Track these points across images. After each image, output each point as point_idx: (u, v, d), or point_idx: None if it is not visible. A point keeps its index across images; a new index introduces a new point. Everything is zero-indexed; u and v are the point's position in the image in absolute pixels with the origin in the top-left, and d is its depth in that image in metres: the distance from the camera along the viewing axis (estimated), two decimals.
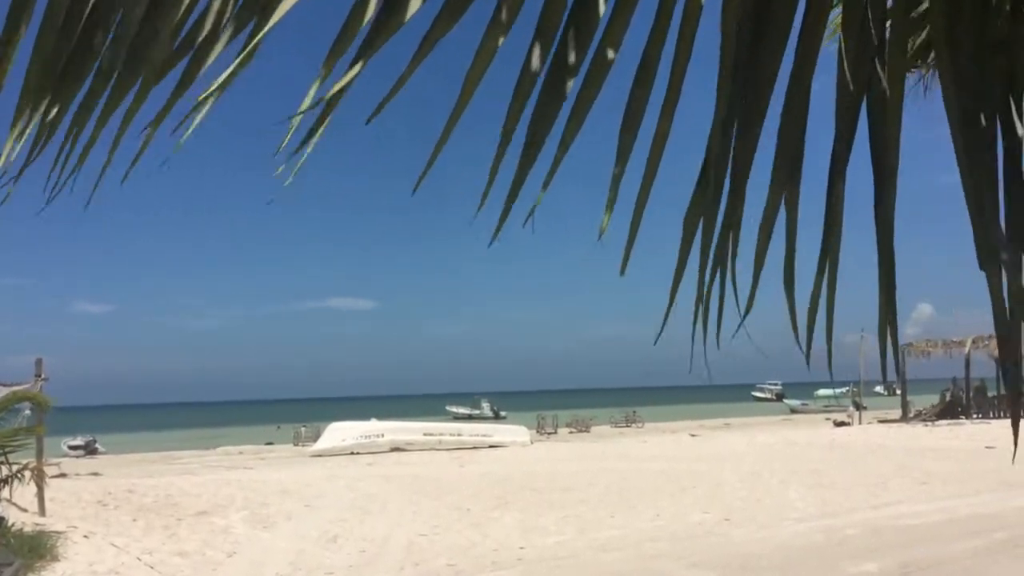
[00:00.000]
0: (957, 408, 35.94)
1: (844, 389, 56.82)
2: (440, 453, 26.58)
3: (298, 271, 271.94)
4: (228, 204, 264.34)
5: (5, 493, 10.58)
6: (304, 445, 33.95)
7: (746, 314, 1.60)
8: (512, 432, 31.76)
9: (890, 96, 1.52)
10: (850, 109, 1.57)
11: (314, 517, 13.43)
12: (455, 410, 68.37)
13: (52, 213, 1.40)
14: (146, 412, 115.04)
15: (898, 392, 41.89)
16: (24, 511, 12.10)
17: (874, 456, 21.37)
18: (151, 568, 9.99)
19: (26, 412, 12.05)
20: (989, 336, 34.30)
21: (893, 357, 1.61)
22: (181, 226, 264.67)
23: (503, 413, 63.83)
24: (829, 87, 1.59)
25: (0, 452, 10.54)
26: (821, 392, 67.59)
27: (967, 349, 34.63)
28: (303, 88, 1.30)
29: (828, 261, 1.61)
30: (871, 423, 35.91)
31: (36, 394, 12.13)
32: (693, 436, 32.84)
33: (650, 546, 10.58)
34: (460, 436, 30.11)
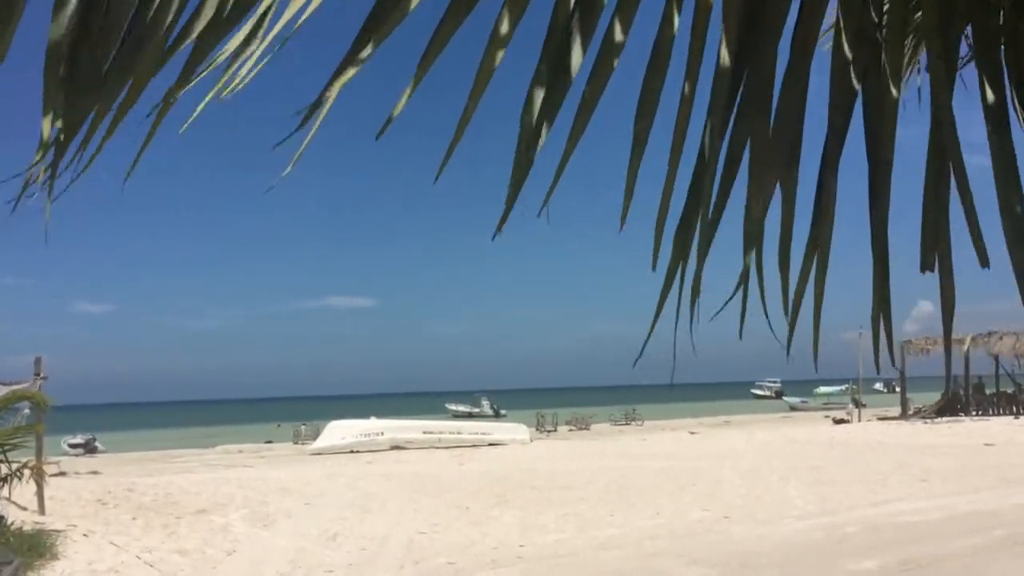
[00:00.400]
0: (956, 405, 35.95)
1: (843, 387, 56.93)
2: (440, 451, 26.58)
3: (297, 270, 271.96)
4: (228, 203, 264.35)
5: (5, 492, 10.59)
6: (304, 443, 33.95)
7: (735, 292, 1.59)
8: (512, 430, 31.75)
9: (887, 91, 1.51)
10: (845, 102, 1.56)
11: (314, 515, 13.43)
12: (455, 408, 68.34)
13: (53, 213, 1.39)
14: (146, 411, 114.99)
15: (898, 390, 41.90)
16: (24, 509, 12.11)
17: (873, 453, 21.38)
18: (151, 566, 10.00)
19: (25, 411, 12.06)
20: (988, 334, 34.36)
21: (888, 347, 1.61)
22: (180, 226, 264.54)
23: (503, 411, 63.78)
24: (820, 84, 1.59)
25: (0, 451, 10.54)
26: (821, 390, 67.68)
27: (966, 347, 34.62)
28: (303, 87, 1.30)
29: (817, 253, 1.61)
30: (870, 420, 35.92)
31: (35, 393, 12.13)
32: (693, 434, 32.84)
33: (650, 544, 10.58)
34: (460, 434, 30.10)
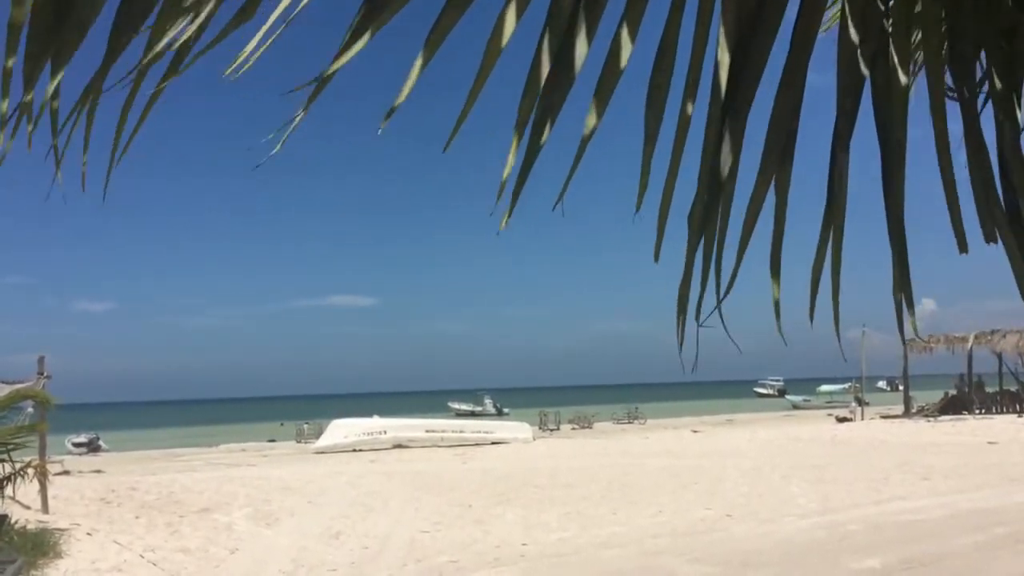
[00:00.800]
0: (958, 404, 35.90)
1: (846, 385, 56.85)
2: (442, 450, 26.61)
3: (299, 269, 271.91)
4: (229, 202, 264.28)
5: (8, 490, 10.60)
6: (306, 442, 33.97)
7: (726, 293, 1.59)
8: (514, 429, 31.76)
9: (895, 79, 1.51)
10: (853, 86, 1.56)
11: (316, 514, 13.45)
12: (457, 407, 68.36)
13: (53, 212, 1.40)
14: (149, 409, 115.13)
15: (900, 388, 41.84)
16: (27, 508, 12.14)
17: (876, 452, 21.36)
18: (154, 565, 10.02)
19: (29, 410, 12.07)
20: (992, 331, 34.29)
21: (912, 327, 1.60)
22: (182, 224, 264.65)
23: (505, 410, 63.79)
24: (828, 79, 1.59)
25: (3, 449, 10.55)
26: (823, 388, 67.53)
27: (969, 344, 34.57)
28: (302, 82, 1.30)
29: (833, 237, 1.60)
30: (873, 419, 35.88)
31: (38, 392, 12.15)
32: (695, 432, 32.83)
33: (652, 542, 10.59)
34: (462, 433, 30.13)
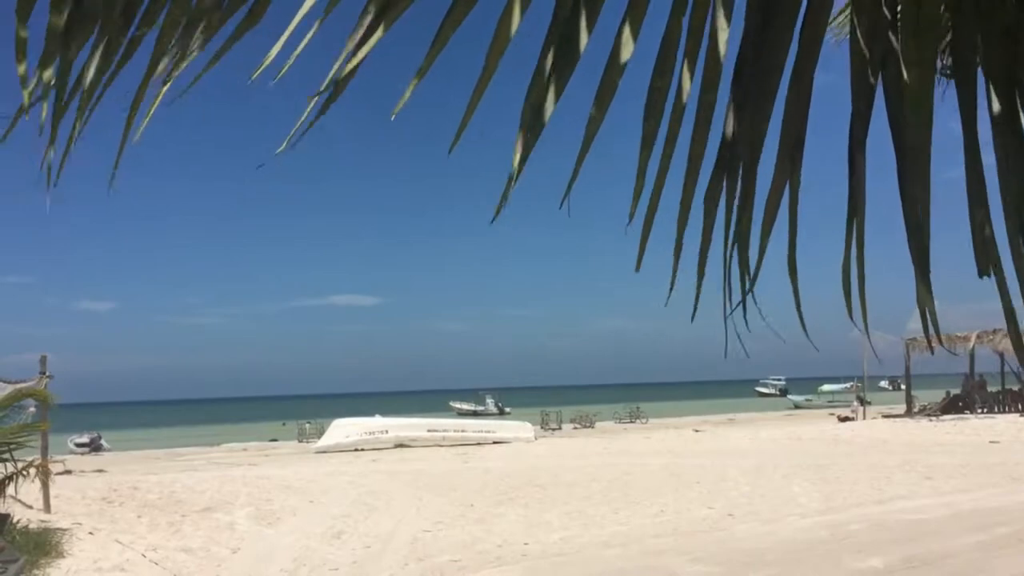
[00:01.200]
0: (960, 403, 35.86)
1: (848, 384, 56.80)
2: (444, 449, 26.60)
3: (300, 268, 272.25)
4: (230, 202, 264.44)
5: (11, 490, 10.61)
6: (308, 442, 33.98)
7: (751, 287, 1.59)
8: (516, 428, 31.76)
9: (906, 79, 1.50)
10: (866, 90, 1.56)
11: (318, 513, 13.45)
12: (459, 406, 68.33)
13: (53, 211, 1.40)
14: (151, 409, 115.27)
15: (902, 387, 41.79)
16: (29, 508, 12.15)
17: (878, 451, 21.34)
18: (156, 564, 10.02)
19: (31, 409, 12.09)
20: (994, 331, 34.21)
21: (934, 329, 1.59)
22: (184, 224, 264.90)
23: (507, 409, 63.78)
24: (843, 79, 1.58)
25: (5, 449, 10.57)
26: (825, 387, 67.51)
27: (972, 344, 34.52)
28: (304, 84, 1.30)
29: (856, 232, 1.60)
30: (875, 418, 35.85)
31: (40, 391, 12.17)
32: (697, 432, 32.81)
33: (654, 542, 10.58)
34: (464, 432, 30.12)
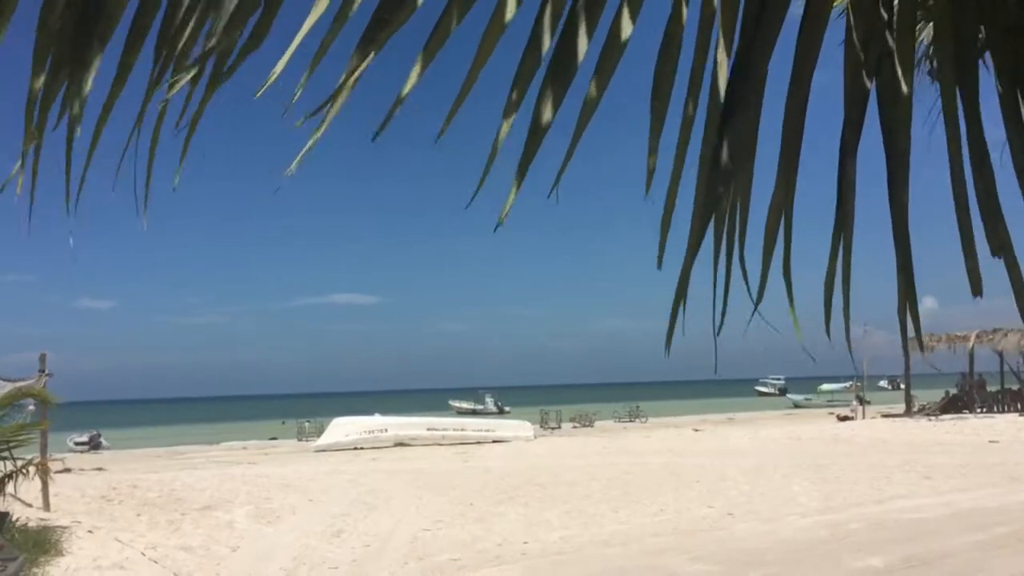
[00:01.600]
0: (959, 403, 35.88)
1: (847, 384, 56.81)
2: (444, 448, 26.61)
3: (301, 267, 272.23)
4: (231, 201, 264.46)
5: (10, 488, 10.62)
6: (308, 440, 34.01)
7: (759, 298, 1.59)
8: (516, 427, 31.78)
9: (899, 80, 1.51)
10: (859, 95, 1.56)
11: (318, 512, 13.46)
12: (458, 405, 68.29)
13: (54, 210, 1.40)
14: (150, 407, 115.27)
15: (902, 387, 41.81)
16: (29, 506, 12.15)
17: (877, 450, 21.35)
18: (155, 563, 10.02)
19: (30, 408, 12.09)
20: (993, 330, 34.24)
21: (916, 335, 1.60)
22: (184, 222, 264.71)
23: (507, 408, 63.80)
24: (837, 80, 1.58)
25: (5, 448, 10.57)
26: (824, 387, 67.52)
27: (971, 343, 34.54)
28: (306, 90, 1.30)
29: (843, 240, 1.60)
30: (874, 418, 35.87)
31: (41, 391, 12.17)
32: (696, 431, 32.84)
33: (653, 541, 10.58)
34: (464, 431, 30.14)
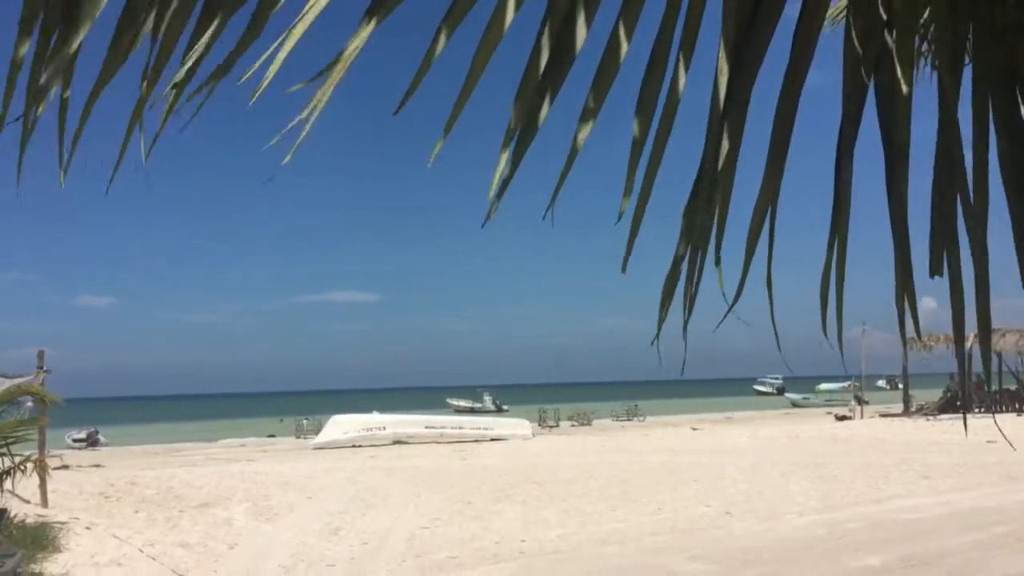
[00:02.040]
0: (957, 402, 35.90)
1: (845, 383, 56.83)
2: (442, 446, 26.63)
3: (300, 265, 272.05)
4: (230, 198, 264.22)
5: (8, 484, 10.61)
6: (306, 438, 34.02)
7: (736, 297, 1.59)
8: (514, 425, 31.77)
9: (899, 76, 1.50)
10: (858, 92, 1.55)
11: (316, 509, 13.46)
12: (456, 403, 68.27)
13: (54, 207, 1.41)
14: (149, 404, 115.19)
15: (900, 386, 41.84)
16: (27, 503, 12.16)
17: (875, 450, 21.36)
18: (153, 559, 10.02)
19: (28, 404, 12.08)
20: (992, 330, 34.24)
21: (915, 329, 1.61)
22: (184, 220, 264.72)
23: (505, 406, 63.83)
24: (833, 79, 1.58)
25: (3, 444, 10.56)
26: (822, 386, 67.56)
27: (969, 344, 34.39)
28: (303, 76, 1.29)
29: (838, 239, 1.60)
30: (873, 417, 35.90)
31: (40, 388, 12.16)
32: (695, 430, 32.88)
33: (651, 539, 10.59)
34: (462, 429, 30.15)
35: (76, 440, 38.33)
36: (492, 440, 28.56)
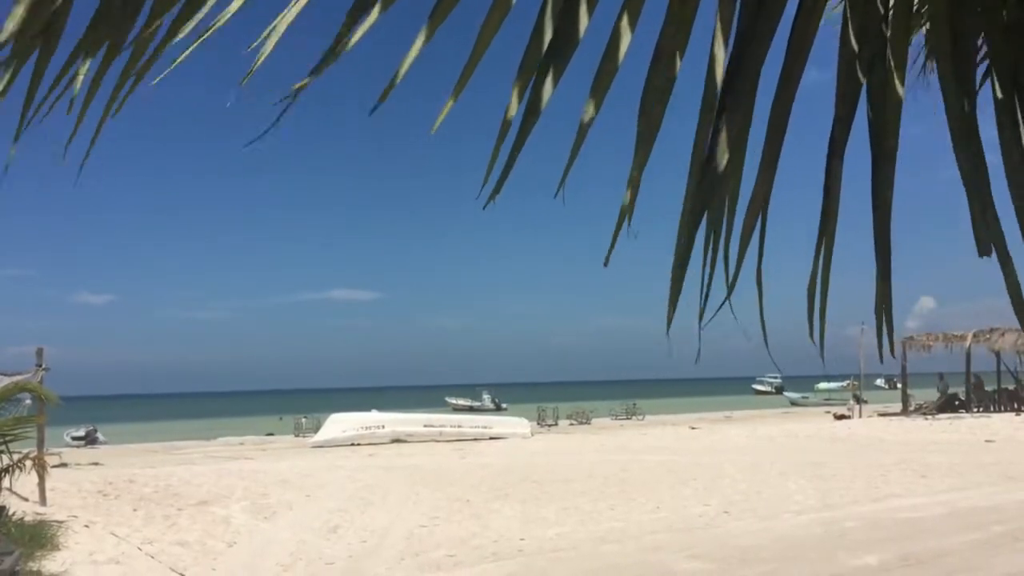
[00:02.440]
0: (955, 402, 35.93)
1: (844, 383, 56.85)
2: (441, 444, 26.63)
3: (300, 263, 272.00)
4: (229, 196, 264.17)
5: (6, 482, 10.61)
6: (305, 436, 33.98)
7: (730, 292, 1.58)
8: (513, 424, 31.78)
9: (891, 84, 1.50)
10: (851, 93, 1.55)
11: (315, 507, 13.46)
12: (454, 402, 68.23)
13: (53, 204, 1.41)
14: (147, 402, 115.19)
15: (899, 386, 41.87)
16: (25, 501, 12.15)
17: (874, 449, 21.38)
18: (151, 558, 10.02)
19: (27, 402, 12.09)
20: (990, 330, 34.28)
21: (888, 338, 1.60)
22: (182, 217, 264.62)
23: (504, 405, 63.83)
24: (827, 80, 1.58)
25: (2, 442, 10.56)
26: (821, 386, 67.57)
27: (968, 343, 34.59)
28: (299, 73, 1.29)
29: (824, 243, 1.60)
30: (871, 416, 35.89)
31: (38, 386, 12.16)
32: (693, 429, 32.88)
33: (650, 538, 10.59)
34: (461, 428, 30.15)
35: (75, 438, 38.29)
36: (491, 439, 28.56)
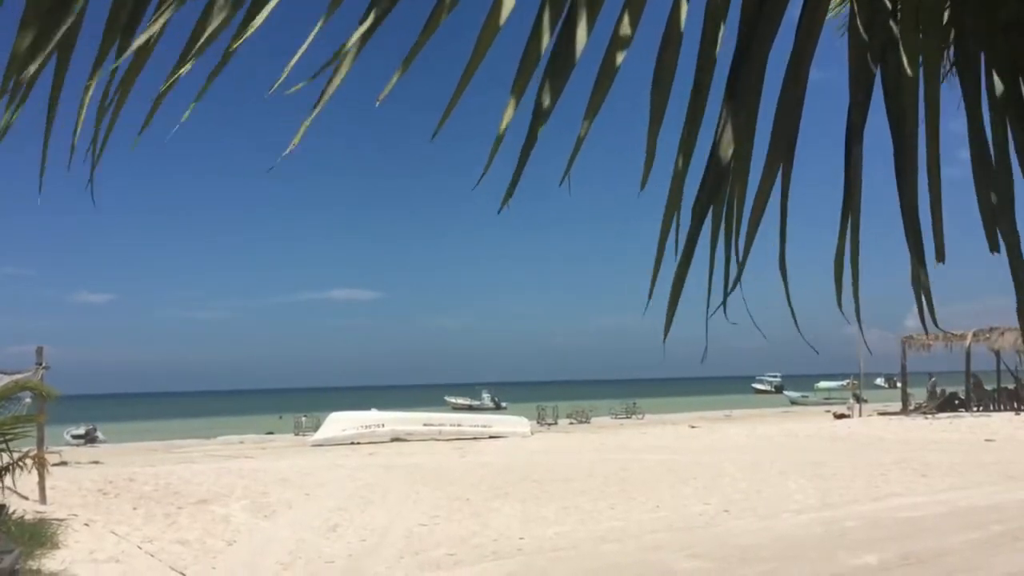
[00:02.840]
0: (955, 401, 35.93)
1: (844, 382, 56.88)
2: (440, 443, 26.63)
3: (300, 262, 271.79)
4: (230, 196, 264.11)
5: (7, 481, 10.61)
6: (305, 435, 33.98)
7: (735, 284, 1.58)
8: (512, 423, 31.78)
9: (905, 70, 1.50)
10: (865, 79, 1.55)
11: (314, 506, 13.46)
12: (454, 401, 68.24)
13: (52, 203, 1.41)
14: (147, 401, 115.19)
15: (899, 385, 41.87)
16: (25, 499, 12.15)
17: (874, 448, 21.38)
18: (151, 556, 10.02)
19: (27, 400, 12.08)
20: (990, 329, 34.28)
21: (929, 311, 1.61)
22: (182, 217, 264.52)
23: (503, 404, 63.86)
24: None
25: (2, 440, 10.56)
26: (821, 385, 67.66)
27: (968, 342, 34.59)
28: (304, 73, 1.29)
29: (850, 224, 1.60)
30: (871, 415, 35.90)
31: (38, 383, 12.15)
32: (693, 428, 32.88)
33: (650, 537, 10.59)
34: (460, 426, 30.16)
35: (75, 437, 38.32)
36: (491, 438, 28.57)
